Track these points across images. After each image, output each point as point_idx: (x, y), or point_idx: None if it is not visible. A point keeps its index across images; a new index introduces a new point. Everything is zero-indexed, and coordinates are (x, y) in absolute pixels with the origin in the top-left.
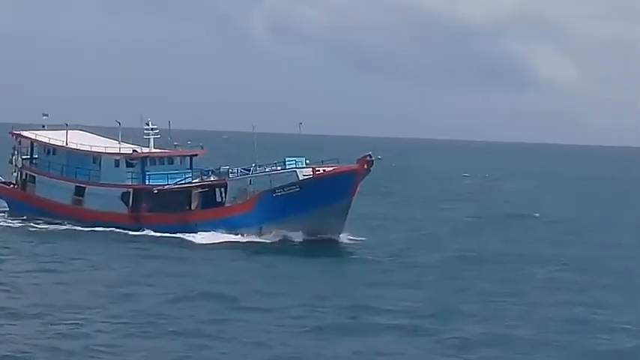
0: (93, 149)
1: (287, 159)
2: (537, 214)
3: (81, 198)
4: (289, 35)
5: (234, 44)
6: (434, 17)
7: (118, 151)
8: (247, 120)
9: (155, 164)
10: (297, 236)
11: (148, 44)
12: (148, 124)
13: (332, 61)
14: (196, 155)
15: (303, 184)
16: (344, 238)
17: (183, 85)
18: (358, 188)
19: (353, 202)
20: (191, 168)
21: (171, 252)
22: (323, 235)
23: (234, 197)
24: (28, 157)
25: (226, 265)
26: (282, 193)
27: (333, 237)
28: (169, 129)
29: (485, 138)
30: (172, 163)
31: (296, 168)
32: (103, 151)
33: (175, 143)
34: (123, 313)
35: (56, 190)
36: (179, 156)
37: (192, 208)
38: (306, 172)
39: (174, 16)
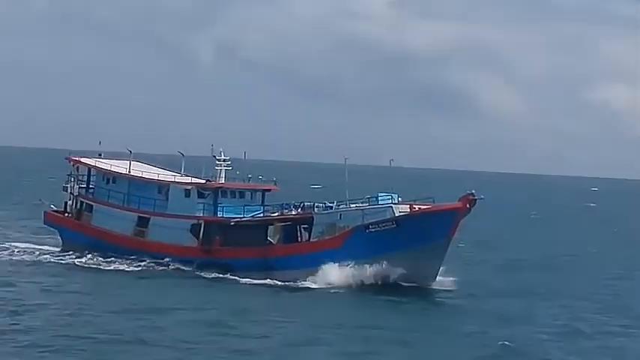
0: (160, 178)
1: (380, 194)
2: None
3: (144, 229)
4: (235, 61)
5: (180, 70)
6: (376, 45)
7: (188, 181)
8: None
9: (227, 197)
10: (390, 276)
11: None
12: (220, 155)
13: (274, 86)
14: (269, 190)
15: (400, 221)
16: (438, 282)
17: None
18: (458, 228)
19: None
20: (263, 203)
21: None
22: (417, 278)
23: (321, 232)
24: (85, 185)
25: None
26: (377, 229)
27: (426, 281)
28: (245, 159)
29: (424, 165)
30: (243, 197)
31: (392, 204)
32: (172, 180)
33: (249, 176)
34: None
35: (116, 221)
36: (251, 190)
37: (273, 242)
38: (403, 208)
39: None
